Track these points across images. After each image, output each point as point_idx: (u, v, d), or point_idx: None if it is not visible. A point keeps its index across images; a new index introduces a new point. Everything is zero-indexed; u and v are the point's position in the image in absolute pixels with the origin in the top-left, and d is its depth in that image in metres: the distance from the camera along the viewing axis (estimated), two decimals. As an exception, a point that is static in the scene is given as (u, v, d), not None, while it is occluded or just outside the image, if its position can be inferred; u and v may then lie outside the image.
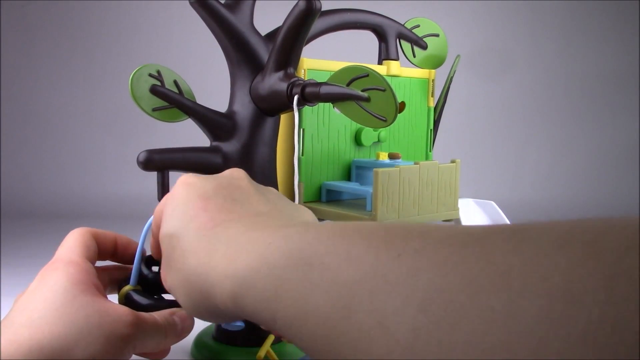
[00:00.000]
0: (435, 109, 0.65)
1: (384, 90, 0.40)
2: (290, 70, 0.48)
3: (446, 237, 0.21)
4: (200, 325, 0.57)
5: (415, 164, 0.50)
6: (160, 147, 0.47)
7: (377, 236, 0.22)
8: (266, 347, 0.40)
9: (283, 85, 0.47)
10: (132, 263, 0.44)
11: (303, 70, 0.53)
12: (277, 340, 0.50)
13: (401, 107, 0.62)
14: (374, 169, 0.47)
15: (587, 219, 0.18)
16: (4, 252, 0.96)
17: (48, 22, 1.59)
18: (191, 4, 0.48)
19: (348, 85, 0.43)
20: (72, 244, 0.41)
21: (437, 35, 0.65)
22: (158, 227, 0.38)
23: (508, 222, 0.56)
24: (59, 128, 1.58)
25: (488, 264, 0.18)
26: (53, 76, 1.59)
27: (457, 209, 0.54)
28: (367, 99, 0.41)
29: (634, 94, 1.74)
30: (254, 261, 0.26)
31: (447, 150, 0.91)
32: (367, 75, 0.41)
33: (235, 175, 0.35)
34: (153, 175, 0.51)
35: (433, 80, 0.64)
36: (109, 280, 0.44)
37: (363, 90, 0.42)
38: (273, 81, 0.48)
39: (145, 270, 0.43)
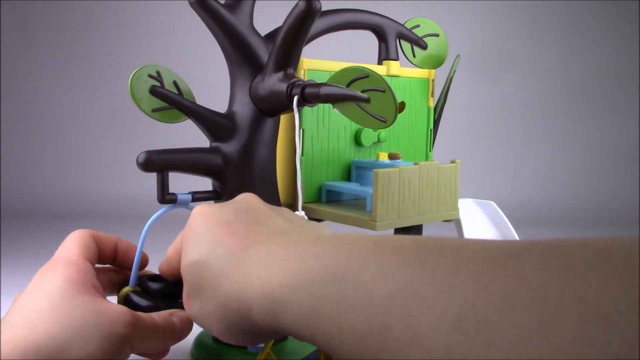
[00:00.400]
0: (435, 109, 0.65)
1: (383, 91, 0.40)
2: (290, 70, 0.48)
3: (479, 253, 0.21)
4: (198, 327, 0.57)
5: (415, 164, 0.50)
6: (160, 148, 0.47)
7: (410, 252, 0.23)
8: (266, 349, 0.40)
9: (283, 86, 0.47)
10: (131, 267, 0.44)
11: (303, 71, 0.53)
12: (277, 342, 0.50)
13: (401, 107, 0.62)
14: (374, 170, 0.47)
15: (622, 237, 0.18)
16: (4, 252, 0.96)
17: (48, 22, 1.59)
18: (191, 4, 0.48)
19: (348, 86, 0.43)
20: (72, 244, 0.41)
21: (437, 35, 0.65)
22: (171, 265, 0.39)
23: (508, 222, 0.56)
24: (59, 128, 1.58)
25: (522, 281, 0.18)
26: (53, 76, 1.59)
27: (457, 210, 0.54)
28: (367, 100, 0.41)
29: (634, 94, 1.75)
30: (289, 280, 0.26)
31: (446, 150, 0.91)
32: (367, 76, 0.41)
33: (249, 199, 0.36)
34: (153, 176, 0.51)
35: (433, 80, 0.64)
36: (109, 282, 0.44)
37: (363, 91, 0.42)
38: (273, 82, 0.48)
39: (153, 285, 0.43)
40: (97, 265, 0.44)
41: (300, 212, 0.47)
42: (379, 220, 0.47)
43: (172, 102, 0.47)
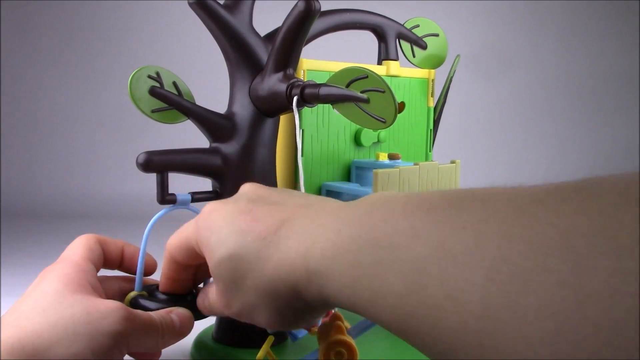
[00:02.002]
0: (435, 109, 0.65)
1: (383, 92, 0.40)
2: (290, 71, 0.48)
3: (507, 202, 0.21)
4: (200, 326, 0.57)
5: (415, 164, 0.50)
6: (160, 149, 0.47)
7: (440, 208, 0.23)
8: (266, 348, 0.40)
9: (282, 86, 0.47)
10: (147, 274, 0.43)
11: (302, 71, 0.53)
12: (277, 342, 0.50)
13: (401, 107, 0.62)
14: (374, 170, 0.47)
15: None
16: (4, 252, 0.96)
17: (48, 22, 1.59)
18: (190, 4, 0.48)
19: (347, 86, 0.43)
20: (76, 247, 0.41)
21: (437, 35, 0.65)
22: (177, 262, 0.39)
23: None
24: (59, 128, 1.57)
25: (551, 226, 0.18)
26: (53, 76, 1.59)
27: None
28: (367, 101, 0.41)
29: (634, 94, 1.75)
30: (327, 251, 0.26)
31: (446, 150, 0.91)
32: (367, 77, 0.41)
33: (254, 187, 0.36)
34: (153, 176, 0.51)
35: (433, 80, 0.64)
36: (119, 290, 0.44)
37: (362, 92, 0.42)
38: (272, 82, 0.48)
39: (151, 305, 0.41)
40: (107, 275, 0.44)
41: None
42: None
43: (172, 102, 0.47)
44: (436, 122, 0.65)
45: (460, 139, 1.63)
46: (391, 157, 0.57)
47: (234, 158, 0.50)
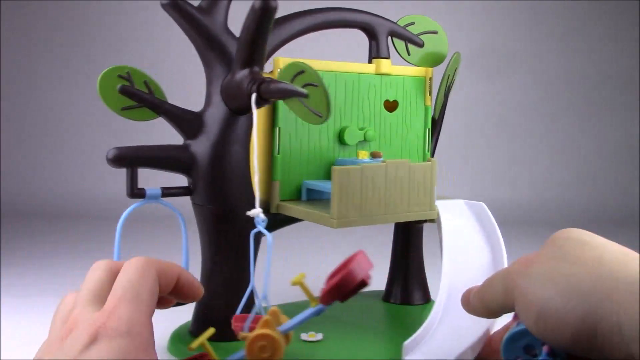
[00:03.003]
0: (435, 107, 0.63)
1: (317, 86, 0.40)
2: (255, 69, 0.48)
3: None
4: (176, 322, 0.57)
5: (383, 162, 0.49)
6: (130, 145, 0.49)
7: None
8: (202, 339, 0.40)
9: (244, 84, 0.48)
10: (190, 301, 0.36)
11: (279, 70, 0.53)
12: (221, 338, 0.49)
13: (393, 106, 0.60)
14: (332, 167, 0.47)
15: None
16: (4, 252, 0.96)
17: (48, 22, 1.60)
18: (162, 5, 0.50)
19: (292, 81, 0.43)
20: (137, 288, 0.29)
21: (436, 33, 0.63)
22: None
23: (495, 223, 0.53)
24: (59, 128, 1.58)
25: None
26: (53, 76, 1.60)
27: (434, 209, 0.52)
28: (305, 95, 0.41)
29: (634, 94, 1.71)
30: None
31: (446, 150, 0.88)
32: (304, 72, 0.41)
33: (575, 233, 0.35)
34: (153, 175, 0.53)
35: (430, 79, 0.62)
36: None
37: (303, 87, 0.42)
38: (237, 80, 0.48)
39: None
40: None
41: (258, 209, 0.47)
42: (337, 217, 0.47)
43: (141, 100, 0.49)
44: (437, 122, 0.63)
45: (460, 139, 1.62)
46: (374, 155, 0.56)
47: (204, 155, 0.51)
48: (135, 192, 0.49)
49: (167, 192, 0.51)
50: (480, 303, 0.38)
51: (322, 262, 0.92)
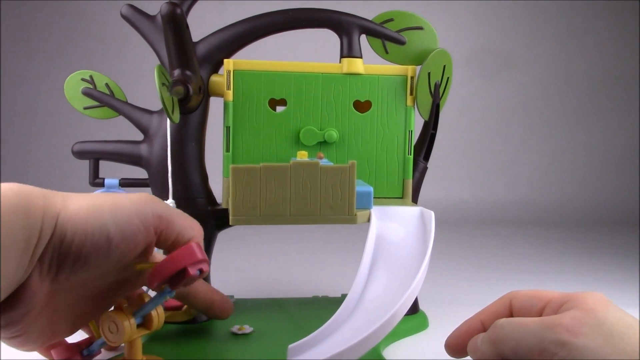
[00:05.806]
0: (421, 108, 0.59)
1: (164, 85, 0.42)
2: (184, 71, 0.51)
3: None
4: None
5: (291, 163, 0.49)
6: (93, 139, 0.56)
7: None
8: (93, 325, 0.45)
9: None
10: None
11: (227, 72, 0.55)
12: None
13: (366, 106, 0.58)
14: (230, 165, 0.48)
15: None
16: None
17: (48, 22, 1.65)
18: (122, 15, 0.56)
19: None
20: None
21: (421, 29, 0.59)
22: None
23: (432, 234, 0.49)
24: (59, 128, 1.60)
25: None
26: (53, 76, 1.62)
27: (354, 215, 0.50)
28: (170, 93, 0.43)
29: (634, 94, 1.74)
30: None
31: (445, 150, 0.81)
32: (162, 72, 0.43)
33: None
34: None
35: (412, 78, 0.58)
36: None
37: (162, 85, 0.44)
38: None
39: None
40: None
41: (171, 201, 0.51)
42: (232, 215, 0.48)
43: (101, 100, 0.56)
44: (429, 124, 0.59)
45: (459, 139, 1.62)
46: (318, 157, 0.55)
47: (160, 152, 0.56)
48: (96, 181, 0.56)
49: (126, 182, 0.57)
50: (492, 348, 0.38)
51: (328, 260, 0.94)
